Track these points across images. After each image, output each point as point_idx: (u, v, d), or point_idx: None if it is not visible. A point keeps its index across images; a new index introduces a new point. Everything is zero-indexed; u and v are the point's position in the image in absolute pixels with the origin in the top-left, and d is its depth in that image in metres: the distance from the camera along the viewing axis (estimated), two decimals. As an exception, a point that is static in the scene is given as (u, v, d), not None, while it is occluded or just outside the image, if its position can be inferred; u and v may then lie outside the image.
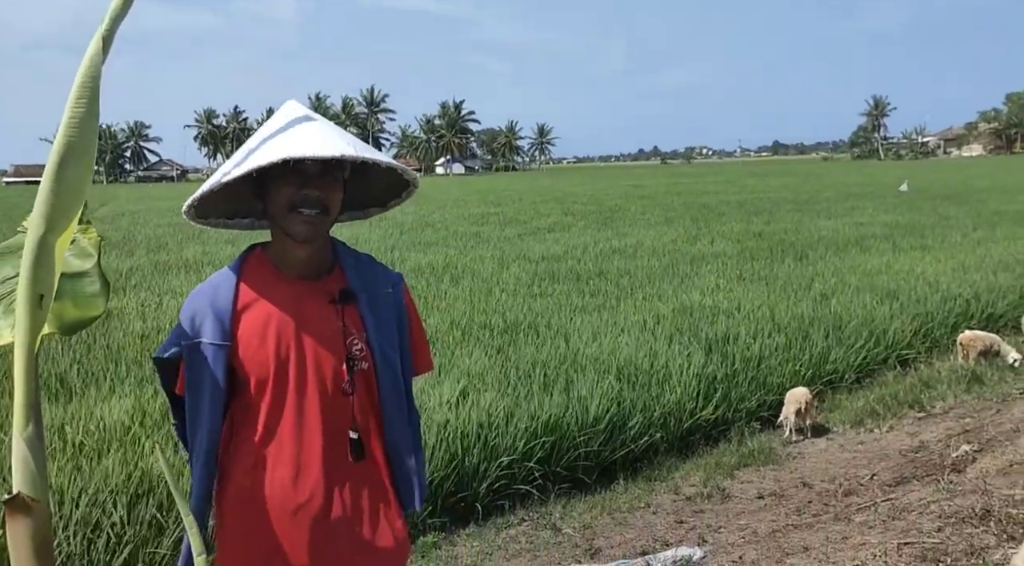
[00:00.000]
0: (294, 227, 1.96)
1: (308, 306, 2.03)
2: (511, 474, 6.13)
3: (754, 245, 18.01)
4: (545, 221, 25.66)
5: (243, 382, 2.01)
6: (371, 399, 2.11)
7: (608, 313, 10.88)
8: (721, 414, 8.20)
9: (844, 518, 5.00)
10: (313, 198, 1.94)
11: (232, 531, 2.05)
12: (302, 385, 2.00)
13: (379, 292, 2.15)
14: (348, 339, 2.05)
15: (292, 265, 2.04)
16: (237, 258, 2.08)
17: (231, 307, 1.97)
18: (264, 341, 1.98)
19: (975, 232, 19.12)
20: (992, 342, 9.41)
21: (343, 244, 2.17)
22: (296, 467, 2.00)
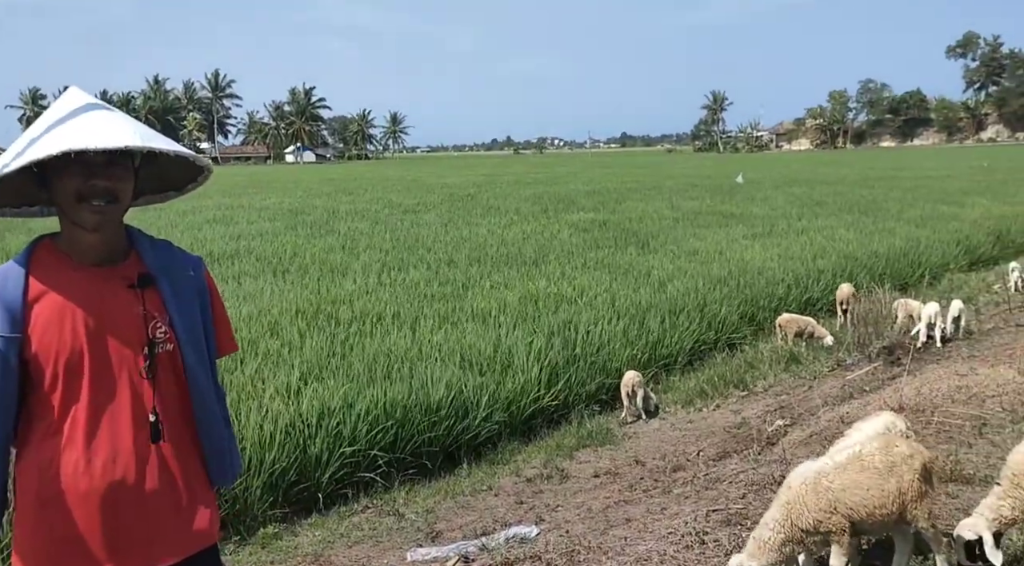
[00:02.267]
0: (83, 217, 1.95)
1: (105, 293, 2.03)
2: (355, 462, 6.19)
3: (599, 234, 18.60)
4: (396, 210, 25.59)
5: (38, 373, 1.98)
6: (176, 380, 2.13)
7: (456, 301, 11.03)
8: (562, 398, 8.53)
9: (668, 491, 5.35)
10: (100, 188, 1.93)
11: (30, 521, 2.01)
12: (99, 372, 2.00)
13: (179, 275, 2.17)
14: (151, 323, 2.06)
15: (85, 253, 2.03)
16: (24, 249, 2.03)
17: (21, 299, 1.94)
18: (60, 331, 1.96)
19: (799, 221, 20.44)
20: (807, 324, 10.18)
21: (138, 230, 2.17)
22: (90, 453, 1.99)
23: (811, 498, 3.33)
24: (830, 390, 7.77)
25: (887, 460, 3.39)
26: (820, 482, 3.34)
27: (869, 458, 3.40)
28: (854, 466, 3.39)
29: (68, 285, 2.00)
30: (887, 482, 3.34)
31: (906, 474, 3.35)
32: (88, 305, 2.00)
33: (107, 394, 2.01)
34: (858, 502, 3.31)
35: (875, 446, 3.48)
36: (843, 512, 3.31)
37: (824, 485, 3.33)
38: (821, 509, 3.31)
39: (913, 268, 14.58)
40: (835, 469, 3.39)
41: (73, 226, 2.01)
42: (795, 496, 3.35)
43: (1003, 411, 5.47)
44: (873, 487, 3.33)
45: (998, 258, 16.46)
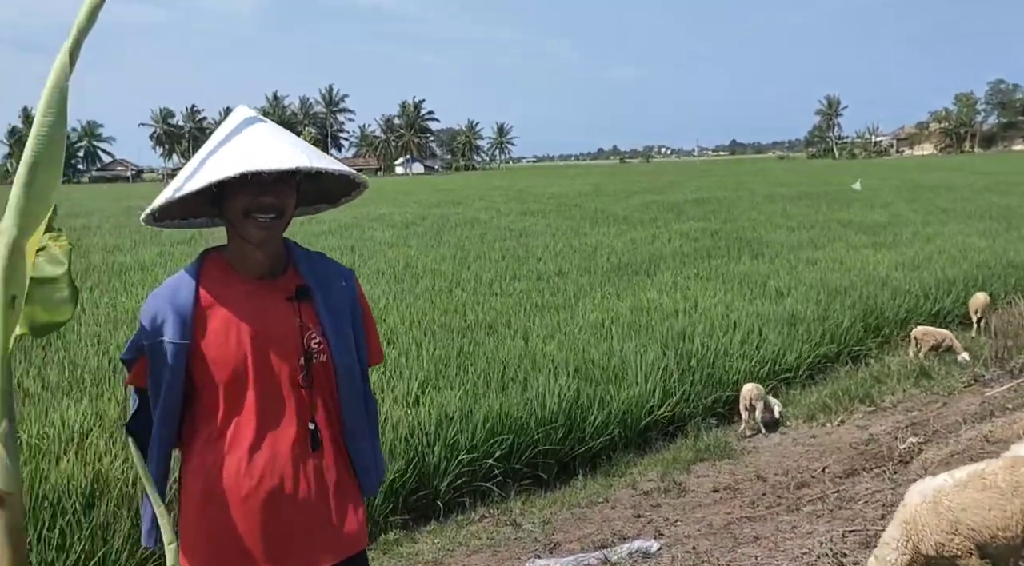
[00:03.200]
0: (250, 231, 2.04)
1: (266, 305, 2.13)
2: (472, 471, 6.21)
3: (711, 244, 18.26)
4: (505, 220, 25.77)
5: (204, 380, 2.09)
6: (329, 389, 2.21)
7: (567, 311, 10.99)
8: (678, 410, 8.36)
9: (795, 509, 5.15)
10: (268, 205, 2.04)
11: (194, 522, 2.12)
12: (261, 380, 2.09)
13: (333, 287, 2.25)
14: (306, 334, 2.15)
15: (249, 266, 2.14)
16: (194, 261, 2.16)
17: (191, 308, 2.05)
18: (225, 340, 2.07)
19: (925, 229, 19.56)
20: (944, 337, 9.66)
21: (294, 243, 2.28)
22: (252, 458, 2.09)
23: (931, 518, 3.16)
24: (967, 407, 7.36)
25: (1011, 480, 3.18)
26: (940, 501, 3.17)
27: (991, 477, 3.20)
28: (975, 484, 3.19)
29: (234, 297, 2.11)
30: (1011, 503, 3.13)
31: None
32: (252, 317, 2.10)
33: (268, 402, 2.10)
34: (979, 523, 3.12)
35: (999, 465, 3.28)
36: (965, 534, 3.12)
37: (944, 504, 3.16)
38: (943, 530, 3.13)
39: (1055, 279, 13.72)
40: (954, 487, 3.21)
41: (241, 240, 2.12)
42: (913, 514, 3.20)
43: None
44: (995, 507, 3.12)
45: None
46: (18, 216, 1.56)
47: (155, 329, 2.04)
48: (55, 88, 1.57)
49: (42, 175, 1.58)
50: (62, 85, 1.58)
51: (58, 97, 1.58)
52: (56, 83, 1.57)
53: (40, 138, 1.57)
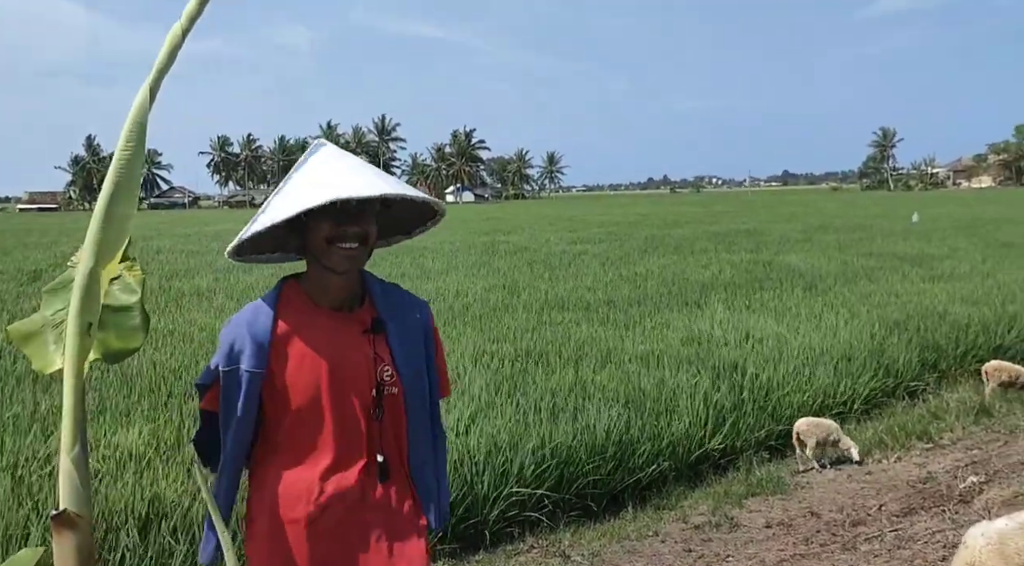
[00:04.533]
0: (335, 260, 2.10)
1: (343, 337, 2.18)
2: (520, 501, 6.19)
3: (763, 275, 18.07)
4: (554, 249, 25.82)
5: (278, 408, 2.14)
6: (399, 422, 2.24)
7: (617, 341, 10.94)
8: (730, 443, 8.24)
9: (851, 547, 5.04)
10: (352, 233, 2.09)
11: (261, 547, 2.16)
12: (334, 411, 2.13)
13: (407, 319, 2.30)
14: (379, 367, 2.19)
15: (328, 296, 2.18)
16: (273, 289, 2.20)
17: (269, 336, 2.09)
18: (301, 370, 2.11)
19: (984, 263, 19.13)
20: (1019, 374, 9.38)
21: (370, 274, 2.32)
22: (321, 487, 2.13)
23: (997, 561, 3.07)
24: (1031, 446, 7.15)
25: None
26: (1006, 543, 3.07)
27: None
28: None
29: (312, 327, 2.15)
30: None
31: None
32: (329, 349, 2.14)
33: (340, 433, 2.13)
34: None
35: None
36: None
37: (1012, 547, 3.06)
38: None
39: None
40: (1018, 530, 3.11)
41: (323, 270, 2.16)
42: (976, 557, 3.11)
43: None
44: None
45: None
46: (96, 246, 1.62)
47: (233, 356, 2.08)
48: (135, 122, 1.64)
49: (120, 207, 1.65)
50: (142, 119, 1.65)
51: (138, 131, 1.65)
52: (136, 117, 1.64)
53: (120, 170, 1.64)
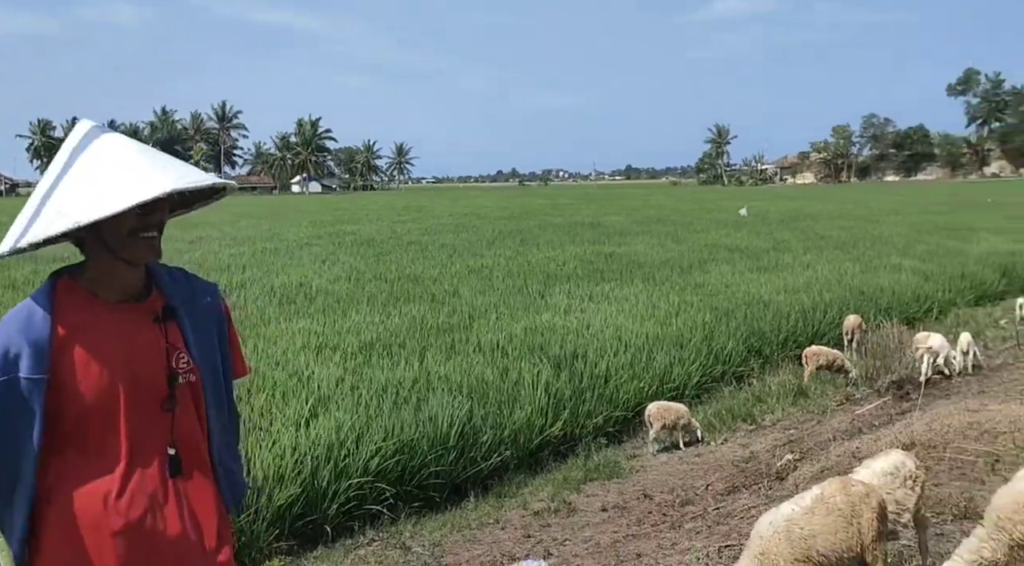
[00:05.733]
0: (138, 251, 2.00)
1: (132, 329, 2.04)
2: (362, 495, 6.16)
3: (605, 267, 18.61)
4: (401, 241, 25.66)
5: (66, 413, 1.97)
6: (197, 409, 2.15)
7: (463, 332, 11.02)
8: (569, 430, 8.50)
9: (677, 526, 5.31)
10: (156, 223, 2.00)
11: (57, 559, 1.99)
12: (128, 408, 2.00)
13: (198, 303, 2.20)
14: (174, 355, 2.08)
15: (115, 289, 2.04)
16: (43, 287, 2.01)
17: (48, 338, 1.92)
18: (88, 371, 1.96)
19: (805, 255, 20.43)
20: (835, 357, 10.10)
21: (155, 262, 2.16)
22: (119, 489, 1.99)
23: (785, 546, 3.28)
24: (839, 425, 7.73)
25: (848, 501, 3.37)
26: (792, 530, 3.30)
27: (832, 500, 3.38)
28: (820, 510, 3.36)
29: (97, 324, 2.00)
30: (851, 524, 3.33)
31: (865, 514, 3.33)
32: (118, 342, 2.01)
33: (138, 430, 2.02)
34: (829, 547, 3.28)
35: (835, 487, 3.45)
36: (816, 559, 3.28)
37: (797, 533, 3.30)
38: (796, 558, 3.26)
39: (920, 302, 14.57)
40: (804, 514, 3.35)
41: (111, 262, 2.01)
42: (766, 546, 3.30)
43: (1015, 447, 5.43)
44: (840, 531, 3.31)
45: (1005, 293, 16.44)
46: None
47: (8, 364, 1.88)
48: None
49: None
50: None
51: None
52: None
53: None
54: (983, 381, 8.69)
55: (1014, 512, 3.38)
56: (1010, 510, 3.39)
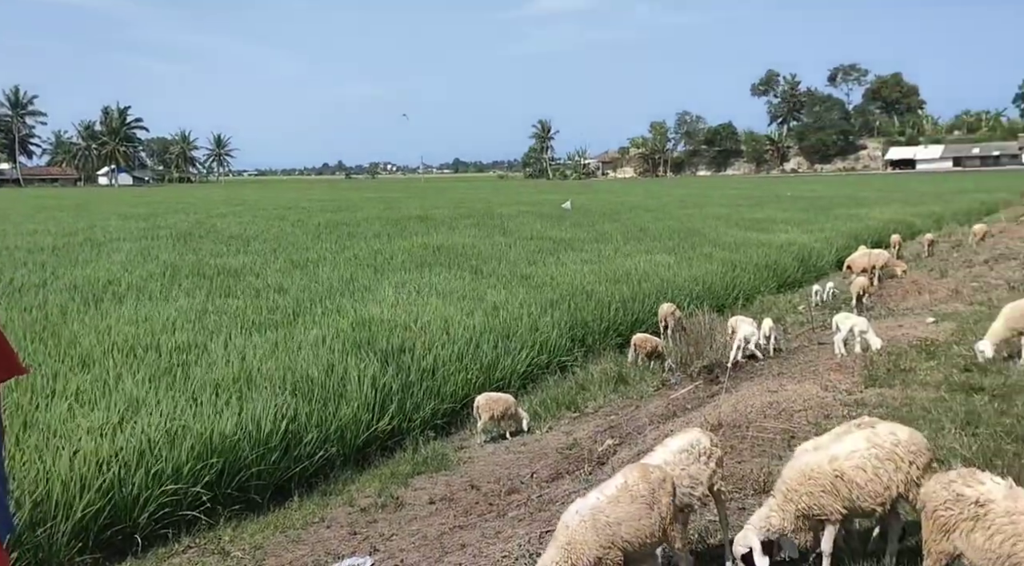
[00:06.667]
0: None
1: None
2: (177, 500, 5.86)
3: (433, 260, 18.61)
4: (222, 236, 24.62)
5: None
6: None
7: (287, 328, 10.72)
8: (397, 424, 8.45)
9: (503, 514, 5.39)
10: None
11: None
12: None
13: None
14: None
15: None
16: None
17: None
18: None
19: (625, 245, 21.25)
20: (658, 344, 10.57)
21: None
22: None
23: (591, 535, 3.40)
24: (656, 409, 8.10)
25: (648, 487, 3.55)
26: (598, 518, 3.43)
27: (635, 488, 3.55)
28: (624, 498, 3.52)
29: None
30: (653, 510, 3.52)
31: (663, 498, 3.54)
32: None
33: None
34: (633, 534, 3.45)
35: (636, 475, 3.62)
36: (620, 546, 3.43)
37: (603, 521, 3.43)
38: (602, 546, 3.39)
39: (728, 290, 15.48)
40: (609, 503, 3.50)
41: None
42: (575, 535, 3.41)
43: (808, 424, 5.87)
44: (643, 517, 3.49)
45: (802, 281, 17.75)
46: None
47: None
48: None
49: None
50: None
51: None
52: None
53: None
54: (783, 363, 9.33)
55: (799, 484, 3.67)
56: (796, 482, 3.68)
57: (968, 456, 5.08)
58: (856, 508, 3.71)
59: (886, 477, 3.67)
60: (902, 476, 3.69)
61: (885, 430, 3.86)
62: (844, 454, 3.75)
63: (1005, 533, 3.09)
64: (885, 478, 3.67)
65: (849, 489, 3.66)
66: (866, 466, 3.69)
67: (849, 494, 3.65)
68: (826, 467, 3.71)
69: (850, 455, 3.74)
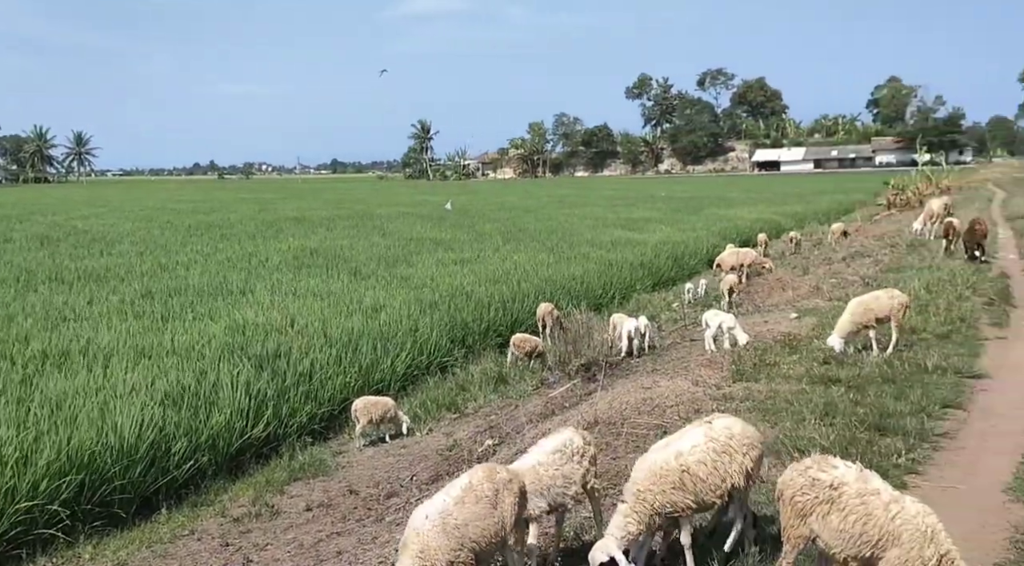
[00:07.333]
0: None
1: None
2: (31, 518, 5.52)
3: (310, 262, 18.22)
4: (83, 239, 23.37)
5: None
6: None
7: (155, 335, 10.28)
8: (273, 431, 8.22)
9: (381, 519, 5.33)
10: None
11: None
12: None
13: None
14: None
15: None
16: None
17: None
18: None
19: (505, 245, 21.36)
20: (536, 344, 10.66)
21: None
22: None
23: (442, 539, 3.39)
24: (534, 408, 8.17)
25: (492, 487, 3.59)
26: (447, 521, 3.42)
27: (479, 488, 3.58)
28: (469, 498, 3.54)
29: None
30: (496, 509, 3.55)
31: (507, 498, 3.58)
32: None
33: None
34: (480, 534, 3.47)
35: (481, 475, 3.65)
36: (469, 547, 3.45)
37: (452, 523, 3.43)
38: (453, 549, 3.39)
39: (606, 289, 15.80)
40: (455, 505, 3.50)
41: None
42: (427, 541, 3.38)
43: (680, 419, 6.05)
44: (488, 516, 3.52)
45: (676, 279, 18.30)
46: None
47: None
48: None
49: None
50: None
51: None
52: None
53: None
54: (657, 360, 9.59)
55: (652, 483, 3.77)
56: (648, 482, 3.77)
57: (826, 445, 5.35)
58: (701, 502, 3.84)
59: (723, 469, 3.83)
60: (736, 467, 3.86)
61: (720, 424, 4.03)
62: (687, 449, 3.88)
63: (857, 513, 3.27)
64: (722, 470, 3.83)
65: (694, 483, 3.78)
66: (706, 460, 3.83)
67: (694, 488, 3.78)
68: (673, 463, 3.82)
69: (692, 450, 3.87)
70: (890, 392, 6.78)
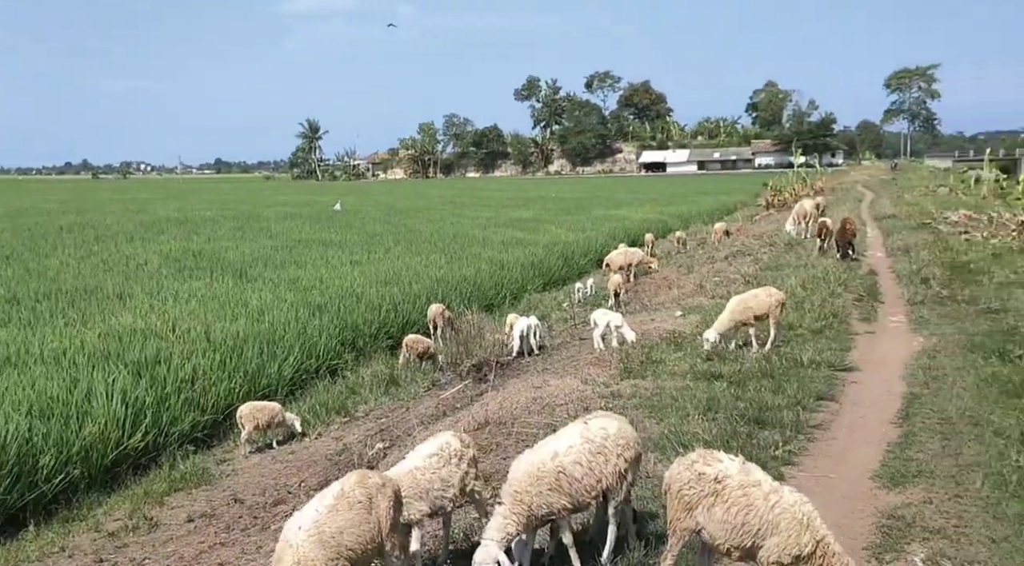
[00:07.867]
0: None
1: None
2: None
3: (193, 264, 17.59)
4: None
5: None
6: None
7: (21, 343, 9.71)
8: (152, 440, 7.88)
9: (267, 527, 5.17)
10: None
11: None
12: None
13: None
14: None
15: None
16: None
17: None
18: None
19: (396, 247, 21.14)
20: (428, 345, 10.55)
21: None
22: None
23: (318, 550, 3.28)
24: (426, 410, 8.11)
25: (366, 493, 3.53)
26: (323, 530, 3.34)
27: (352, 494, 3.51)
28: (343, 505, 3.47)
29: None
30: (371, 514, 3.50)
31: (382, 503, 3.54)
32: None
33: None
34: (355, 540, 3.40)
35: (353, 481, 3.58)
36: (346, 555, 3.36)
37: (327, 532, 3.34)
38: (329, 559, 3.29)
39: (497, 290, 15.84)
40: (329, 513, 3.42)
41: None
42: (302, 553, 3.26)
43: (569, 417, 6.10)
44: (363, 523, 3.45)
45: (566, 279, 18.51)
46: None
47: None
48: None
49: None
50: None
51: None
52: None
53: None
54: (547, 359, 9.67)
55: (529, 485, 3.77)
56: (525, 483, 3.77)
57: (709, 439, 5.50)
58: (577, 502, 3.86)
59: (598, 470, 3.87)
60: (611, 468, 3.90)
61: (596, 424, 4.06)
62: (563, 450, 3.90)
63: (739, 504, 3.36)
64: (598, 471, 3.87)
65: (570, 484, 3.80)
66: (582, 460, 3.86)
67: (570, 488, 3.80)
68: (549, 464, 3.83)
69: (568, 451, 3.89)
70: (768, 386, 7.03)
